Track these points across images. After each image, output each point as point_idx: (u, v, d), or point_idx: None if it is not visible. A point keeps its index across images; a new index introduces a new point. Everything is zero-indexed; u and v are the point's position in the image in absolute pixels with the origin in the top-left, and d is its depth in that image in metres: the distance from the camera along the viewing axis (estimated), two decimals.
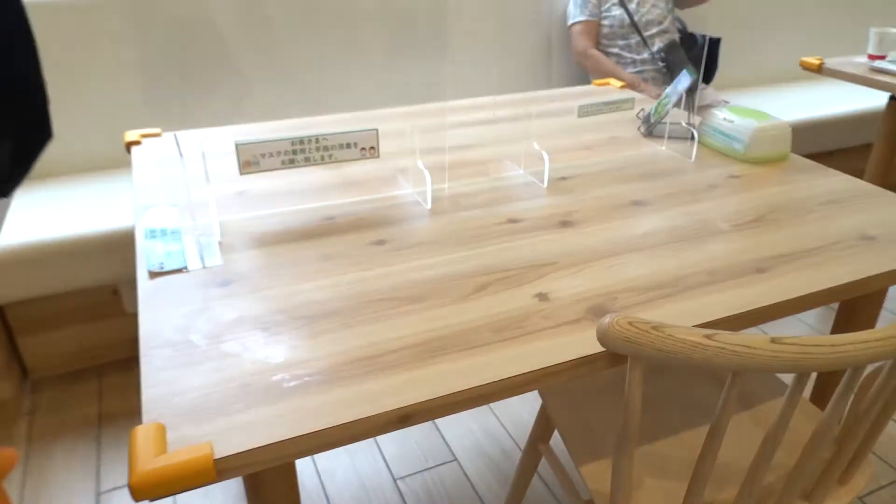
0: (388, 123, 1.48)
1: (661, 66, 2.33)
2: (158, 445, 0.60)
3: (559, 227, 1.02)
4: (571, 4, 2.38)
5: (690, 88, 1.38)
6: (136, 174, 1.20)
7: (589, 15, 2.33)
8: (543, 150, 1.33)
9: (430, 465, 1.51)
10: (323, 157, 1.05)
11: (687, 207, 1.09)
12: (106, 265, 1.67)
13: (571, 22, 2.37)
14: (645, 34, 2.32)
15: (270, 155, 1.02)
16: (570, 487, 1.11)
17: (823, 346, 0.65)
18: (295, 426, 0.63)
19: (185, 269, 0.90)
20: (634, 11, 2.31)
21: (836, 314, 1.23)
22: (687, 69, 1.41)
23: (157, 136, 1.40)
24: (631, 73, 2.33)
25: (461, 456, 1.54)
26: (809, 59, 2.11)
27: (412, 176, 1.20)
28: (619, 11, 2.31)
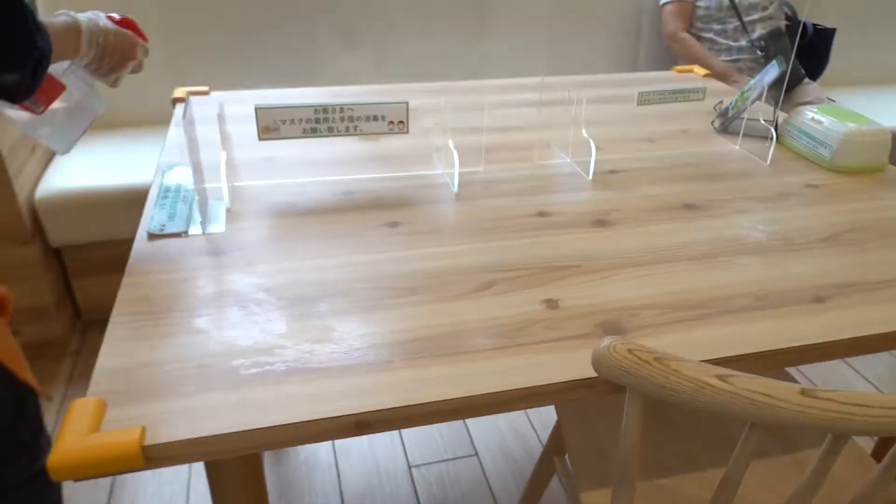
0: (434, 98, 1.40)
1: (759, 55, 2.11)
2: (93, 423, 0.56)
3: (593, 225, 0.92)
4: None
5: (777, 81, 1.22)
6: (170, 132, 1.19)
7: None
8: (598, 138, 1.22)
9: (448, 456, 1.45)
10: (348, 128, 0.99)
11: (748, 217, 0.96)
12: None
13: (664, 1, 2.19)
14: (745, 19, 2.10)
15: (291, 122, 0.96)
16: None
17: (867, 405, 0.53)
18: (238, 420, 0.57)
19: (185, 233, 0.86)
20: None
21: None
22: (777, 59, 1.25)
23: (205, 93, 1.38)
24: (724, 61, 2.13)
25: (483, 451, 1.47)
26: None
27: (446, 156, 1.12)
28: None
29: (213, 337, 0.67)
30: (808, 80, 2.22)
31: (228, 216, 0.91)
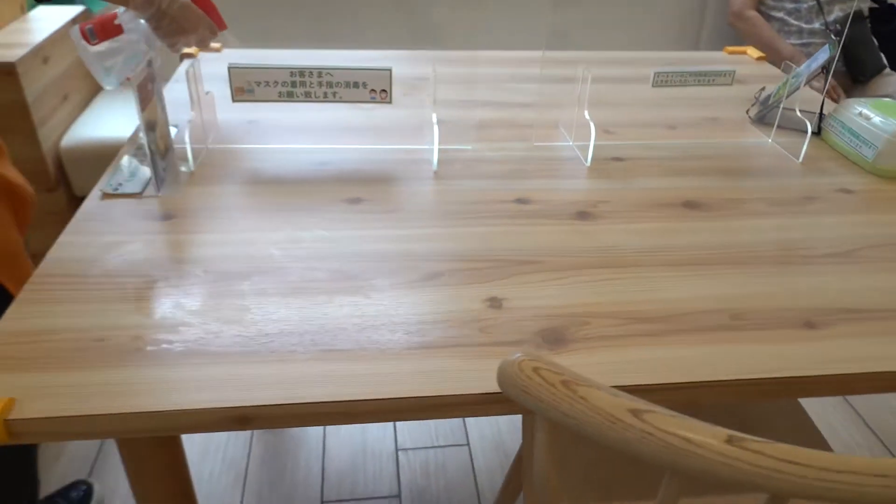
0: (449, 67, 1.32)
1: (834, 40, 1.91)
2: None
3: (574, 218, 0.83)
4: None
5: (825, 67, 1.08)
6: (168, 88, 1.16)
7: None
8: (612, 122, 1.11)
9: (439, 443, 1.40)
10: (326, 94, 0.93)
11: (756, 221, 0.84)
12: None
13: None
14: None
15: (266, 84, 0.91)
16: None
17: (803, 465, 0.44)
18: (115, 402, 0.54)
19: (139, 195, 0.83)
20: None
21: None
22: (830, 43, 1.11)
23: (217, 51, 1.35)
24: (794, 44, 1.94)
25: (475, 442, 1.41)
26: None
27: (441, 131, 1.05)
28: None
29: (121, 308, 0.64)
30: (889, 70, 1.99)
31: (191, 180, 0.88)
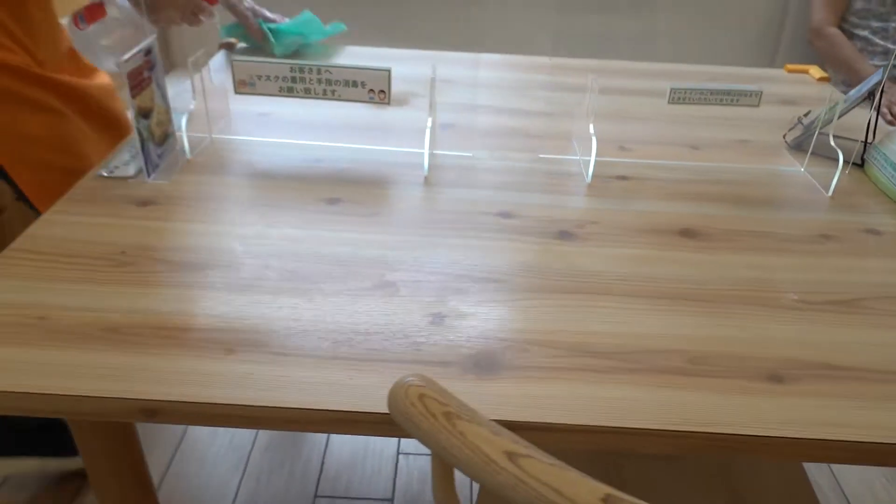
0: (465, 70, 1.29)
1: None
2: None
3: (554, 237, 0.79)
4: None
5: (872, 92, 0.98)
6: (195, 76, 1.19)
7: None
8: (628, 138, 1.05)
9: None
10: (325, 91, 0.93)
11: (757, 257, 0.78)
12: None
13: None
14: None
15: (267, 78, 0.92)
16: None
17: None
18: (28, 380, 0.55)
19: (131, 178, 0.86)
20: None
21: None
22: (884, 66, 1.01)
23: (231, 47, 1.38)
24: (878, 66, 1.78)
25: None
26: None
27: (437, 135, 1.03)
28: None
29: (74, 290, 0.66)
30: None
31: (185, 168, 0.90)
